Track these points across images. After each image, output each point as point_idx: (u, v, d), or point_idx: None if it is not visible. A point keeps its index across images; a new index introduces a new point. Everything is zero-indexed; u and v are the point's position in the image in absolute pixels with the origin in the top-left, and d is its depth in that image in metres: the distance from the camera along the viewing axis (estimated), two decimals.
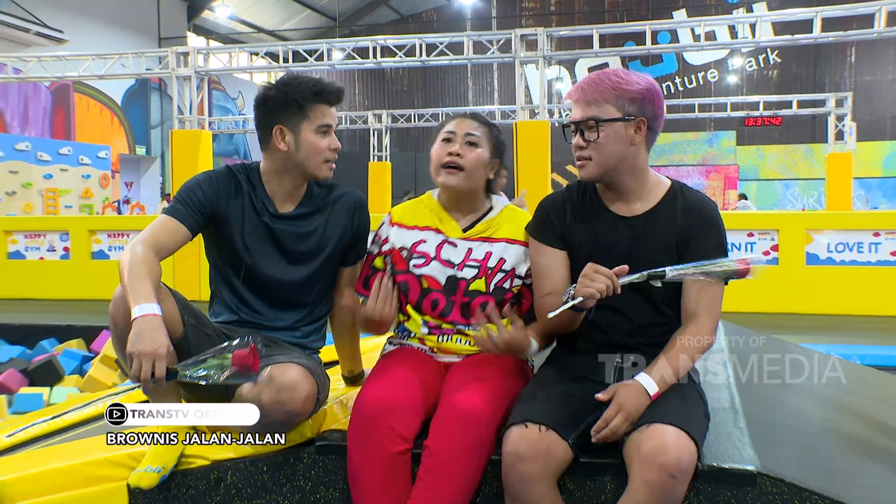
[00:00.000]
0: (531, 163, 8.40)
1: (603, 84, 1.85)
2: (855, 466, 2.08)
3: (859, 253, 6.54)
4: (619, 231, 1.93)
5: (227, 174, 2.16)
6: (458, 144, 2.03)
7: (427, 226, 2.10)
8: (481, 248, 2.06)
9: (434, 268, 2.05)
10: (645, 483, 1.60)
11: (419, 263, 2.06)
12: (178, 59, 9.68)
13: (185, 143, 9.18)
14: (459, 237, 2.07)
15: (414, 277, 2.06)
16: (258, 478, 1.99)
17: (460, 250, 2.06)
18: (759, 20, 9.03)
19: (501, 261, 2.04)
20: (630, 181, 1.92)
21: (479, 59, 9.90)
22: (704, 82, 22.15)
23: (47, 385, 4.96)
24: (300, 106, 2.06)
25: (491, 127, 2.10)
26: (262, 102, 2.12)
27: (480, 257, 2.04)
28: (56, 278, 8.43)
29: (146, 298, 1.78)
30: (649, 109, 1.87)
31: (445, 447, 1.76)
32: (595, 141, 1.86)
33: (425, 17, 24.19)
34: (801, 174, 20.65)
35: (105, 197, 15.04)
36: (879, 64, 20.69)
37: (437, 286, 2.05)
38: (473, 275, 2.03)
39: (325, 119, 2.09)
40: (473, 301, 2.03)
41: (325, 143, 2.10)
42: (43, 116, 16.30)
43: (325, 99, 2.09)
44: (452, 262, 2.05)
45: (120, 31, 18.15)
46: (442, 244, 2.06)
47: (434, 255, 2.06)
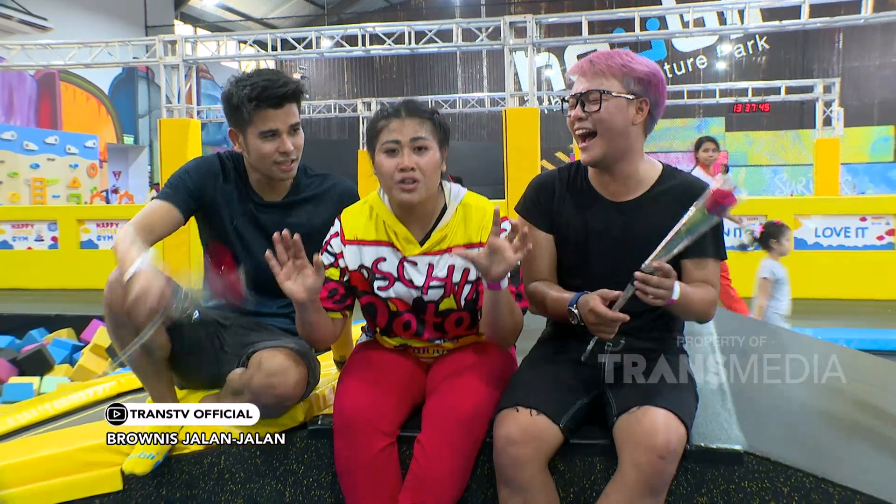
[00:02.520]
0: (520, 150, 8.40)
1: (612, 59, 1.86)
2: (841, 446, 2.11)
3: (846, 238, 6.60)
4: (610, 216, 1.92)
5: (216, 161, 2.17)
6: (407, 155, 1.82)
7: (381, 240, 1.93)
8: (442, 261, 1.90)
9: (398, 290, 1.91)
10: (634, 465, 1.62)
11: (383, 286, 1.92)
12: (165, 48, 9.60)
13: (173, 132, 9.14)
14: (417, 253, 1.91)
15: (380, 301, 1.93)
16: (251, 462, 2.00)
17: (421, 268, 1.91)
18: (748, 6, 9.01)
19: (465, 272, 1.90)
20: (624, 165, 1.91)
21: (468, 47, 9.86)
22: (693, 69, 22.14)
23: (37, 375, 4.96)
24: (241, 112, 2.02)
25: (431, 116, 1.88)
26: (221, 102, 2.11)
27: (443, 274, 1.90)
28: (45, 268, 8.40)
29: (137, 256, 1.79)
30: (653, 93, 1.87)
31: (436, 443, 1.77)
32: (596, 113, 1.84)
33: (414, 5, 24.04)
34: (790, 160, 20.71)
35: (93, 186, 14.95)
36: (867, 50, 20.74)
37: (405, 307, 1.93)
38: (440, 295, 1.90)
39: (267, 125, 2.02)
40: (447, 318, 1.94)
41: (269, 148, 2.03)
42: (28, 105, 16.14)
43: (264, 104, 2.00)
44: (415, 283, 1.90)
45: (106, 19, 17.95)
46: (401, 263, 1.91)
47: (396, 276, 1.91)
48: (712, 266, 1.89)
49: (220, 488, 2.00)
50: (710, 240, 1.88)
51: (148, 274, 1.72)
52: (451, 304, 1.91)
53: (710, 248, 1.89)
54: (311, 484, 1.98)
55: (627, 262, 1.84)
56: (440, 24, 9.80)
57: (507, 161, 8.43)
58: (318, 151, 20.19)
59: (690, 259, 1.88)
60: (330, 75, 24.87)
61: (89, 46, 10.27)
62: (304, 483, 1.98)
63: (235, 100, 2.01)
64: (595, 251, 1.92)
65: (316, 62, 23.83)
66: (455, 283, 1.90)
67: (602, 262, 1.92)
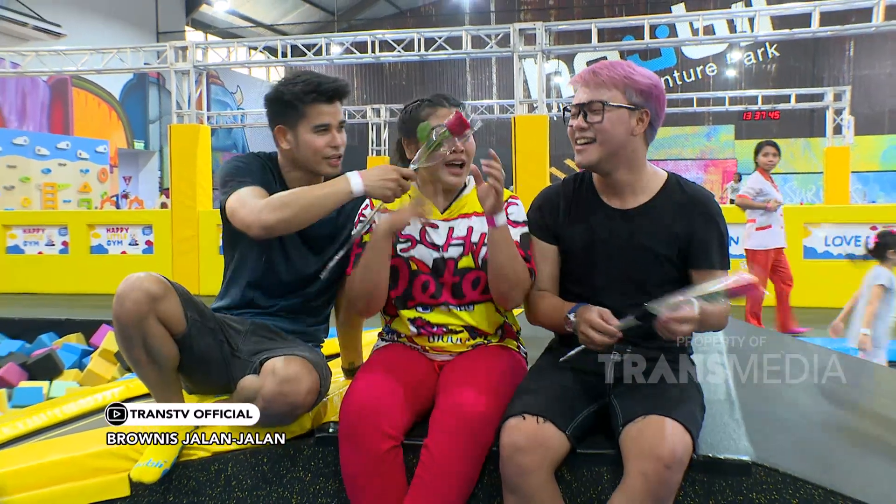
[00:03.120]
0: (529, 157, 8.40)
1: (614, 70, 1.88)
2: (850, 457, 2.09)
3: (856, 246, 6.56)
4: (615, 225, 1.93)
5: (255, 159, 2.19)
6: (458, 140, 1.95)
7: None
8: (462, 224, 2.05)
9: (420, 251, 2.03)
10: (641, 473, 1.62)
11: (405, 247, 2.04)
12: (176, 54, 9.66)
13: (183, 138, 9.18)
14: (439, 219, 2.05)
15: (402, 260, 2.04)
16: (258, 469, 2.00)
17: (442, 232, 2.04)
18: (758, 14, 8.99)
19: (483, 235, 2.01)
20: (626, 174, 1.92)
21: (478, 54, 9.88)
22: (703, 76, 22.13)
23: (47, 379, 4.98)
24: (295, 106, 2.08)
25: (465, 106, 2.07)
26: (267, 102, 2.16)
27: (463, 234, 2.04)
28: (55, 272, 8.44)
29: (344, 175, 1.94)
30: (654, 105, 1.89)
31: (444, 446, 1.77)
32: (598, 123, 1.87)
33: (424, 12, 24.13)
34: (800, 168, 20.64)
35: (103, 191, 15.00)
36: (878, 58, 20.68)
37: (426, 269, 2.03)
38: (459, 253, 2.02)
39: (321, 118, 2.09)
40: (465, 277, 2.03)
41: (322, 142, 2.11)
42: (41, 111, 16.26)
43: (319, 98, 2.08)
44: (436, 244, 2.03)
45: (118, 25, 18.10)
46: (424, 228, 2.04)
47: (419, 239, 2.04)
48: (720, 276, 1.89)
49: (227, 495, 2.00)
50: (716, 249, 1.89)
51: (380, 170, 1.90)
52: (470, 263, 2.02)
53: (716, 259, 1.90)
54: (318, 492, 1.98)
55: (631, 268, 1.89)
56: (450, 31, 9.82)
57: (516, 168, 8.42)
58: None
59: (698, 270, 1.89)
60: None
61: (101, 52, 10.34)
62: (311, 491, 1.98)
63: (289, 96, 2.08)
64: (600, 259, 1.94)
65: (326, 69, 23.87)
66: (474, 242, 2.02)
67: (607, 270, 1.93)
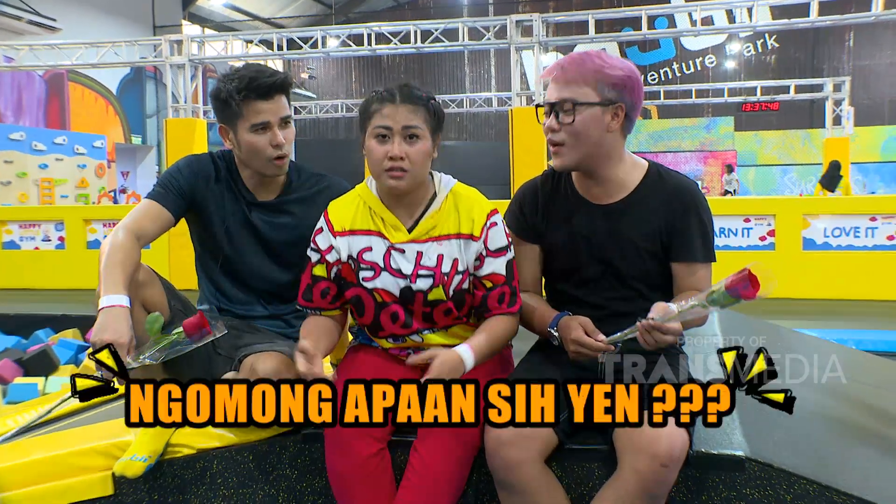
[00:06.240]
0: (527, 150, 8.36)
1: (584, 65, 1.78)
2: (846, 451, 2.07)
3: (856, 238, 6.52)
4: (596, 220, 1.89)
5: (208, 160, 2.14)
6: (398, 143, 1.77)
7: (369, 229, 1.89)
8: (431, 250, 1.86)
9: (385, 280, 1.86)
10: (635, 471, 1.59)
11: (368, 276, 1.86)
12: (172, 48, 9.61)
13: (179, 132, 9.14)
14: (406, 240, 1.86)
15: (365, 292, 1.87)
16: (244, 466, 1.98)
17: (409, 256, 1.86)
18: (757, 4, 8.94)
19: (455, 262, 1.85)
20: (606, 169, 1.86)
21: (475, 46, 9.83)
22: (702, 68, 22.04)
23: (42, 375, 4.94)
24: (230, 105, 1.99)
25: (426, 103, 1.82)
26: (210, 99, 2.08)
27: (432, 263, 1.85)
28: (51, 268, 8.41)
29: (115, 289, 1.76)
30: (628, 97, 1.81)
31: (431, 449, 1.74)
32: (570, 124, 1.79)
33: (422, 4, 24.03)
34: (799, 159, 20.58)
35: (101, 186, 14.97)
36: (878, 48, 20.59)
37: (392, 298, 1.86)
38: (429, 285, 1.84)
39: (258, 117, 1.99)
40: (436, 309, 1.88)
41: (262, 142, 2.01)
42: (37, 106, 16.20)
43: (254, 94, 1.97)
44: (403, 272, 1.85)
45: (114, 19, 18.01)
46: (389, 251, 1.86)
47: (383, 266, 1.86)
48: (703, 271, 1.85)
49: (213, 493, 1.98)
50: (699, 242, 1.84)
51: (116, 319, 1.70)
52: (440, 295, 1.85)
53: (699, 252, 1.85)
54: (305, 489, 1.95)
55: (616, 263, 1.85)
56: (446, 24, 9.77)
57: (514, 160, 8.39)
58: (325, 151, 20.20)
59: (679, 263, 1.85)
60: (338, 75, 24.89)
61: (97, 46, 10.30)
62: (298, 488, 1.96)
63: (224, 94, 1.98)
64: (583, 255, 1.90)
65: (324, 62, 23.87)
66: (444, 273, 1.85)
67: (592, 265, 1.89)
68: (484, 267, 1.87)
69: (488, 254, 1.85)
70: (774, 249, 6.63)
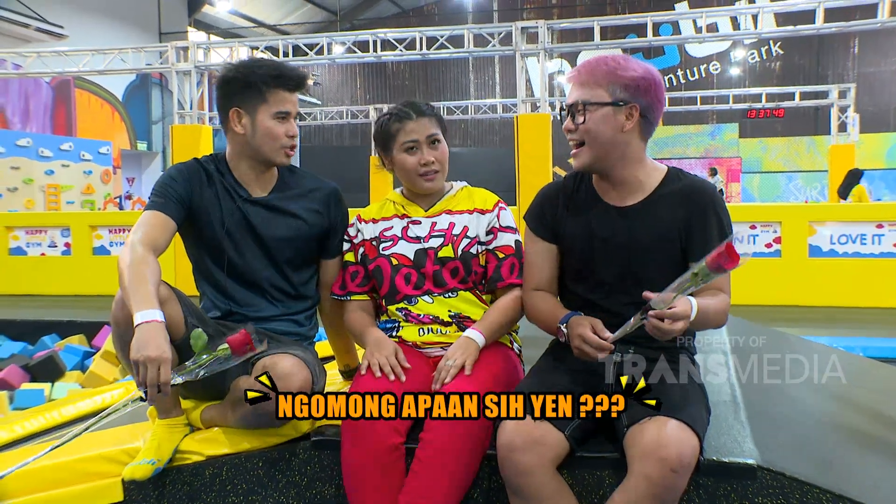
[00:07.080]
0: (532, 156, 8.35)
1: (598, 68, 1.84)
2: (856, 459, 2.06)
3: (862, 245, 6.51)
4: (614, 222, 1.90)
5: (195, 166, 2.15)
6: (427, 151, 2.07)
7: (393, 215, 2.17)
8: (444, 219, 2.12)
9: (402, 246, 2.10)
10: (645, 477, 1.58)
11: (387, 246, 2.12)
12: (177, 54, 9.64)
13: (185, 138, 9.17)
14: (422, 216, 2.14)
15: (384, 259, 2.10)
16: (253, 473, 1.97)
17: (424, 226, 2.12)
18: (762, 11, 8.95)
19: (465, 228, 2.10)
20: (623, 170, 1.88)
21: (480, 53, 9.84)
22: (707, 74, 22.03)
23: (48, 381, 4.95)
24: (259, 90, 2.05)
25: (435, 112, 2.12)
26: (222, 83, 2.11)
27: (444, 227, 2.11)
28: (57, 274, 8.43)
29: (148, 304, 1.76)
30: (643, 98, 1.83)
31: (439, 439, 1.75)
32: (582, 125, 1.84)
33: (426, 11, 24.07)
34: (804, 166, 20.55)
35: (107, 193, 15.00)
36: (883, 55, 20.56)
37: (407, 262, 2.08)
38: (440, 243, 2.08)
39: (283, 105, 2.08)
40: (445, 266, 2.07)
41: (281, 130, 2.08)
42: (44, 112, 16.27)
43: (284, 84, 2.07)
44: (419, 236, 2.10)
45: (120, 26, 18.08)
46: (407, 225, 2.13)
47: (401, 236, 2.12)
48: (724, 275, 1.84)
49: (222, 500, 1.97)
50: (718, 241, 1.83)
51: (156, 335, 1.71)
52: (449, 253, 2.07)
53: None
54: (314, 496, 1.95)
55: (633, 266, 1.86)
56: (451, 30, 9.78)
57: (519, 167, 8.39)
58: (331, 157, 20.23)
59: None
60: (342, 82, 24.93)
61: (103, 53, 10.34)
62: (307, 495, 1.95)
63: (253, 78, 2.04)
64: (600, 257, 1.90)
65: (329, 69, 23.90)
66: (454, 234, 2.09)
67: (608, 268, 1.90)
68: (497, 240, 2.11)
69: (500, 228, 2.11)
70: (780, 256, 6.61)
